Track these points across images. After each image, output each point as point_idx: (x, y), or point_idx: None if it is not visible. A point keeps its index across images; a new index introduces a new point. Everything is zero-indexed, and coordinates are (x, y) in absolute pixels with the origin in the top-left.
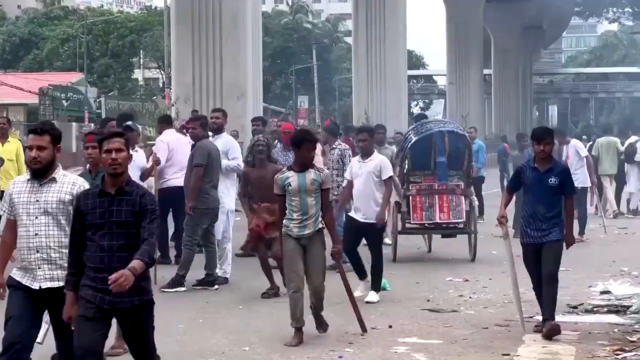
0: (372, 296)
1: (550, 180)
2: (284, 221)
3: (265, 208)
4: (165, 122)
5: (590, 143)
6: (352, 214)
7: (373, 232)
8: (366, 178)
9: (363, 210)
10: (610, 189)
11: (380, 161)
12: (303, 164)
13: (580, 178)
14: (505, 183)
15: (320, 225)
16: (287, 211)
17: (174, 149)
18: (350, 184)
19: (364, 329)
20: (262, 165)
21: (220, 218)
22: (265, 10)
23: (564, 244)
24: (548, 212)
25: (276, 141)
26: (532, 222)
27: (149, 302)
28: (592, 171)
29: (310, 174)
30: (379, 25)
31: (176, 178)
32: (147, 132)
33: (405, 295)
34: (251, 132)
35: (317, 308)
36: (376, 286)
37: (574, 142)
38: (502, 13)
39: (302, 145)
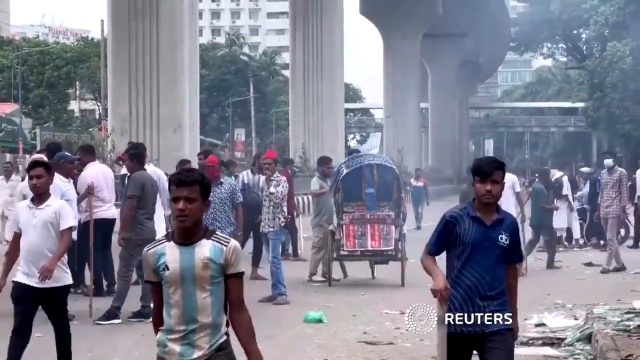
0: None
1: (501, 239)
2: (158, 335)
3: None
4: (88, 152)
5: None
6: (20, 278)
7: (54, 298)
8: (42, 229)
9: (38, 271)
10: None
11: (60, 207)
12: (187, 230)
13: (512, 212)
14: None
15: (224, 338)
16: (163, 314)
17: (99, 184)
18: (18, 237)
19: None
20: None
21: None
22: (203, 42)
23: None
24: (495, 287)
25: None
26: (468, 301)
27: None
28: (522, 207)
29: (204, 248)
30: (316, 58)
31: (103, 210)
32: None
33: (342, 328)
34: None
35: None
36: None
37: (511, 176)
38: (438, 47)
39: (181, 189)
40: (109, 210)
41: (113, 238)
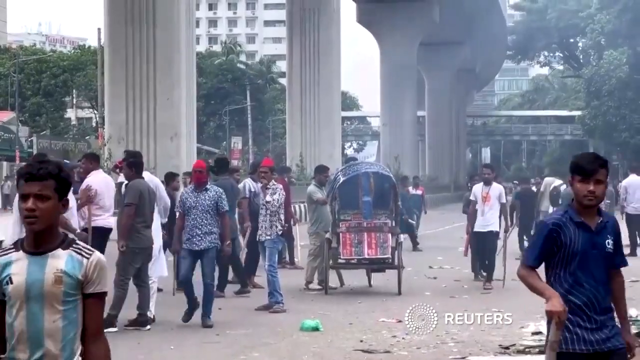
0: None
1: (607, 244)
2: None
3: None
4: (93, 160)
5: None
6: None
7: None
8: None
9: None
10: None
11: None
12: (38, 236)
13: (497, 223)
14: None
15: None
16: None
17: (101, 192)
18: None
19: None
20: None
21: (156, 256)
22: (200, 50)
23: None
24: (607, 298)
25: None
26: (585, 316)
27: None
28: (507, 218)
29: (58, 259)
30: (313, 66)
31: (102, 219)
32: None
33: (338, 336)
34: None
35: None
36: None
37: (497, 186)
38: (435, 55)
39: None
40: (107, 219)
41: (109, 247)
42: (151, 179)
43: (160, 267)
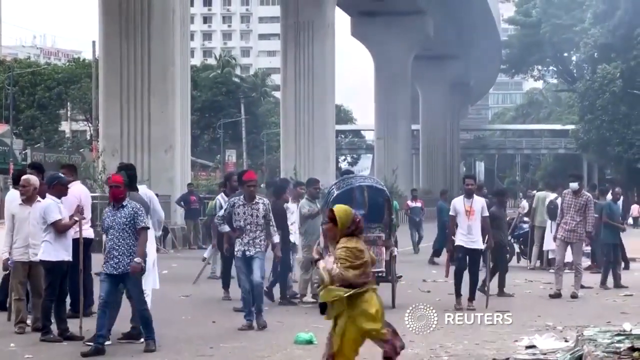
0: None
1: None
2: None
3: None
4: (73, 171)
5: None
6: None
7: None
8: None
9: None
10: None
11: None
12: None
13: (481, 239)
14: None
15: None
16: None
17: (85, 204)
18: None
19: None
20: None
21: (149, 269)
22: (194, 63)
23: None
24: None
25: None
26: None
27: None
28: (490, 232)
29: None
30: (307, 79)
31: (85, 229)
32: None
33: None
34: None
35: None
36: None
37: (480, 199)
38: (430, 69)
39: None
40: (88, 229)
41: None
42: (145, 191)
43: (154, 280)
